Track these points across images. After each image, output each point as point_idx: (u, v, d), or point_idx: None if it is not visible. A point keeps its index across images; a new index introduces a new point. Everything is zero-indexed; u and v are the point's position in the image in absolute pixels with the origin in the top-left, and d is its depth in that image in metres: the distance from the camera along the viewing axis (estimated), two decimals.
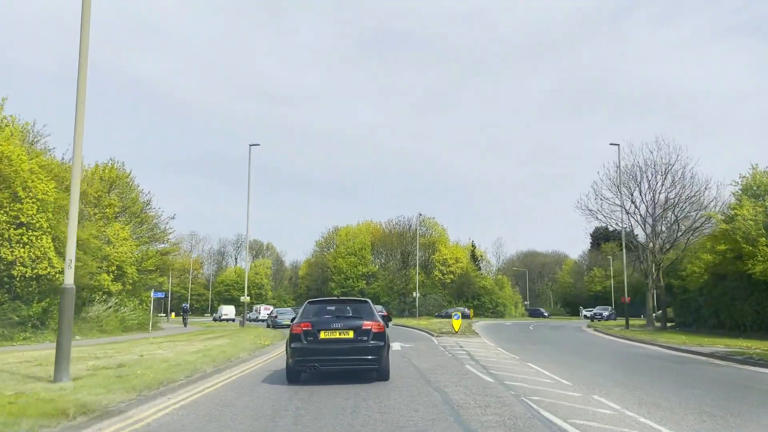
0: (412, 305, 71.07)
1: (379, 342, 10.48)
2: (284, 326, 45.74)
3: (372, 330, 10.47)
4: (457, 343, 21.89)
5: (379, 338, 10.54)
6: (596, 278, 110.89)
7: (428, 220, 78.35)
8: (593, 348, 22.03)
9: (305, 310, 11.21)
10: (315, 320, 10.64)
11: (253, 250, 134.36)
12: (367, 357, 10.36)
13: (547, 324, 53.56)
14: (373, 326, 10.53)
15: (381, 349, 10.46)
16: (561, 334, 32.70)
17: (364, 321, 10.62)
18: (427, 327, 33.45)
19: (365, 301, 11.95)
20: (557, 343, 24.87)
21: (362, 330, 10.42)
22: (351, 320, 10.75)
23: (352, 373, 10.95)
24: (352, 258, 75.46)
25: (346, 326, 10.48)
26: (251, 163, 39.77)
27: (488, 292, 74.86)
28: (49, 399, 7.83)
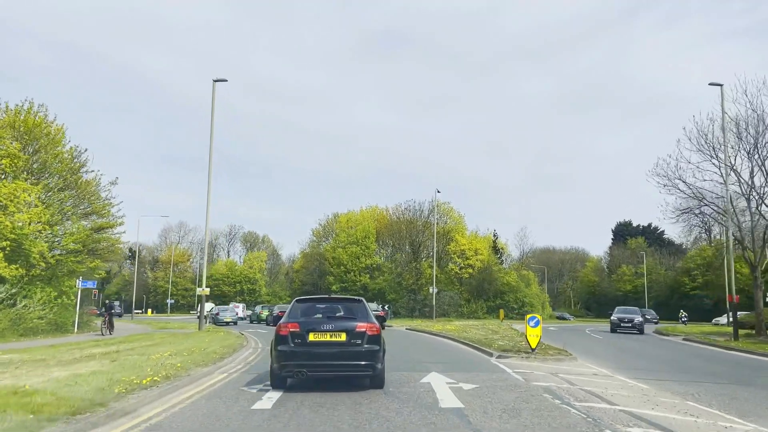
0: (423, 304, 60.30)
1: (374, 346, 9.43)
2: (225, 323, 40.73)
3: (366, 332, 9.40)
4: (561, 376, 11.18)
5: (375, 342, 9.47)
6: (625, 276, 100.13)
7: (443, 206, 67.45)
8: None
9: (293, 310, 10.01)
10: (303, 321, 9.57)
11: (248, 242, 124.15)
12: (361, 362, 9.27)
13: (594, 328, 42.76)
14: (367, 328, 9.45)
15: (376, 354, 9.41)
16: (662, 348, 21.87)
17: (357, 322, 9.53)
18: (459, 335, 22.74)
19: (359, 300, 10.67)
20: (695, 367, 14.23)
21: (356, 332, 9.39)
22: (343, 321, 9.66)
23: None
24: (354, 248, 64.61)
25: (338, 328, 9.44)
26: (215, 103, 29.11)
27: (513, 290, 63.96)
28: None
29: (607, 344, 22.88)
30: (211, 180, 29.11)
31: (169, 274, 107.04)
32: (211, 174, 29.16)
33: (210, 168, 29.08)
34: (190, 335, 24.16)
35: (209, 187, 28.89)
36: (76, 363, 11.89)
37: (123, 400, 7.65)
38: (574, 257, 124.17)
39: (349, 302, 10.63)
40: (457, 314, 60.82)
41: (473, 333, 23.85)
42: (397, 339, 23.63)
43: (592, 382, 10.45)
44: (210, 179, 29.11)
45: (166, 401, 8.07)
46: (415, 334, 27.15)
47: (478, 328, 29.20)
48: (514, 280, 64.47)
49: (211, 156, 28.98)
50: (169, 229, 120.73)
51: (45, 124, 29.55)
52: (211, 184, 29.10)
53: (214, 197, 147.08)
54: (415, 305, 60.74)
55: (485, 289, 63.11)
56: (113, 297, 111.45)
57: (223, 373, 11.51)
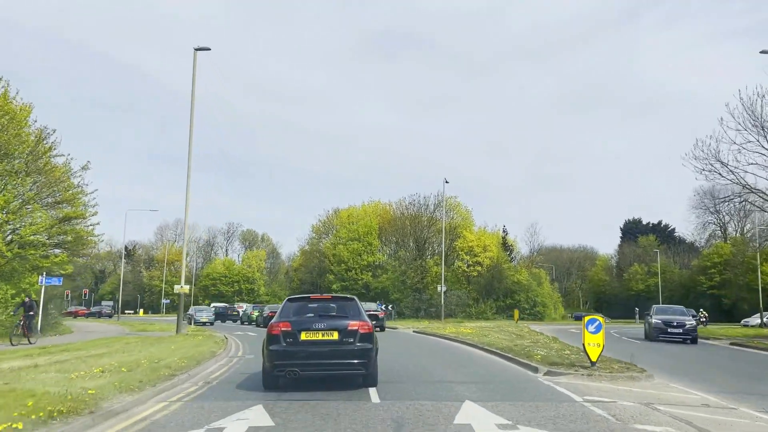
0: (429, 303, 56.63)
1: (366, 344, 9.33)
2: (203, 324, 39.62)
3: (359, 331, 9.31)
4: (661, 410, 7.49)
5: (367, 340, 9.37)
6: (637, 275, 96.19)
7: (449, 201, 63.68)
8: None
9: (284, 309, 10.02)
10: (295, 320, 9.50)
11: (247, 240, 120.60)
12: (353, 361, 9.20)
13: (619, 330, 39.06)
14: (360, 327, 9.35)
15: (369, 352, 9.33)
16: (741, 360, 18.01)
17: (350, 321, 9.43)
18: (480, 341, 18.98)
19: (351, 298, 10.52)
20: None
21: (348, 331, 9.29)
22: (335, 320, 9.51)
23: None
24: (356, 244, 60.89)
25: (330, 327, 9.31)
26: (196, 72, 25.44)
27: (524, 289, 60.19)
28: None
29: (670, 354, 18.85)
30: (191, 157, 25.46)
31: (165, 273, 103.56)
32: (191, 152, 25.54)
33: (190, 143, 25.46)
34: (160, 340, 20.51)
35: (189, 164, 25.25)
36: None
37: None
38: (582, 256, 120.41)
39: (342, 301, 10.35)
40: (464, 315, 57.13)
41: (495, 337, 20.15)
42: (406, 345, 19.95)
43: (721, 422, 6.75)
44: (190, 156, 25.48)
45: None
46: (425, 339, 23.51)
47: (497, 330, 25.52)
48: (525, 279, 60.73)
49: (192, 131, 25.35)
50: (165, 227, 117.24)
51: (5, 100, 25.94)
52: (191, 160, 25.45)
53: (212, 195, 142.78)
54: (420, 305, 57.06)
55: (495, 288, 59.40)
56: (107, 297, 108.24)
57: (160, 402, 7.90)
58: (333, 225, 68.12)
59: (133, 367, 10.83)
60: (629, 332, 36.28)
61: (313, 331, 9.20)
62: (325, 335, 9.18)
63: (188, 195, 25.73)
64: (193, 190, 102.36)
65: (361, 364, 9.18)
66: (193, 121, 25.76)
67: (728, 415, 7.41)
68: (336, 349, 9.13)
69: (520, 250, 71.33)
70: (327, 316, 9.62)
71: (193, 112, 25.72)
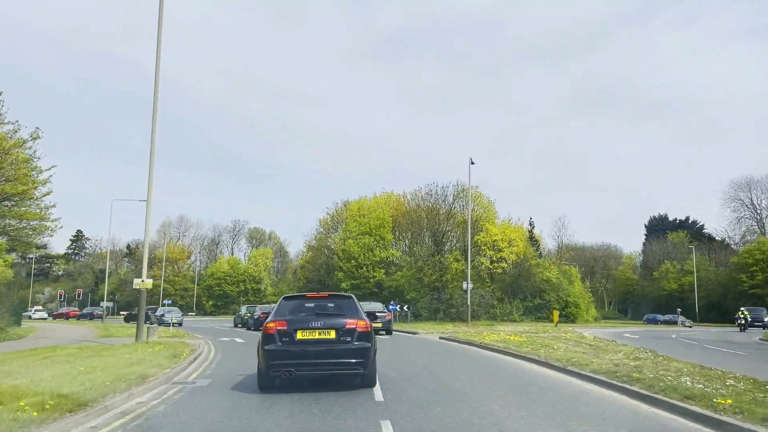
0: (449, 304, 50.70)
1: (364, 343, 9.09)
2: (169, 325, 36.50)
3: (357, 330, 9.09)
4: None
5: (365, 339, 9.13)
6: (669, 274, 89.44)
7: (467, 191, 57.62)
8: None
9: (280, 307, 9.66)
10: (291, 318, 9.23)
11: (254, 239, 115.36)
12: (351, 360, 8.94)
13: (677, 333, 33.01)
14: (357, 325, 9.13)
15: (367, 352, 9.07)
16: None
17: (347, 319, 9.21)
18: (560, 360, 12.95)
19: (349, 296, 10.25)
20: None
21: (345, 329, 9.07)
22: (332, 318, 9.26)
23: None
24: (367, 239, 55.09)
25: (327, 325, 9.08)
26: (163, 14, 19.74)
27: (554, 288, 54.05)
28: None
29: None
30: (156, 108, 19.80)
31: (166, 272, 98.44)
32: (157, 103, 19.88)
33: (156, 92, 19.79)
34: (105, 351, 15.05)
35: (154, 123, 19.57)
36: None
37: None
38: (605, 254, 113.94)
39: (339, 299, 10.09)
40: (488, 316, 51.12)
41: (563, 350, 14.28)
42: (437, 360, 14.16)
43: None
44: (156, 108, 19.83)
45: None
46: (462, 350, 17.60)
47: (551, 338, 19.62)
48: (555, 277, 54.56)
49: (158, 78, 19.65)
50: (168, 225, 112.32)
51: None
52: (157, 110, 19.79)
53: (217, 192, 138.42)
54: (439, 305, 51.10)
55: (521, 287, 53.29)
56: (108, 297, 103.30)
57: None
58: (342, 219, 62.36)
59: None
60: (687, 334, 30.19)
61: (310, 330, 9.00)
62: (322, 334, 8.98)
63: (152, 161, 20.10)
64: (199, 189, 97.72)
65: (359, 364, 8.93)
66: (159, 72, 20.11)
67: None
68: (333, 348, 8.91)
69: (546, 245, 65.03)
70: (324, 315, 9.33)
71: (159, 58, 20.07)
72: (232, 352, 17.22)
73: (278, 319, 9.15)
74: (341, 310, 9.46)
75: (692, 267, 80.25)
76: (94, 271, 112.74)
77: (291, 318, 9.16)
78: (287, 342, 8.87)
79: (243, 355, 16.33)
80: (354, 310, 9.49)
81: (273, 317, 9.31)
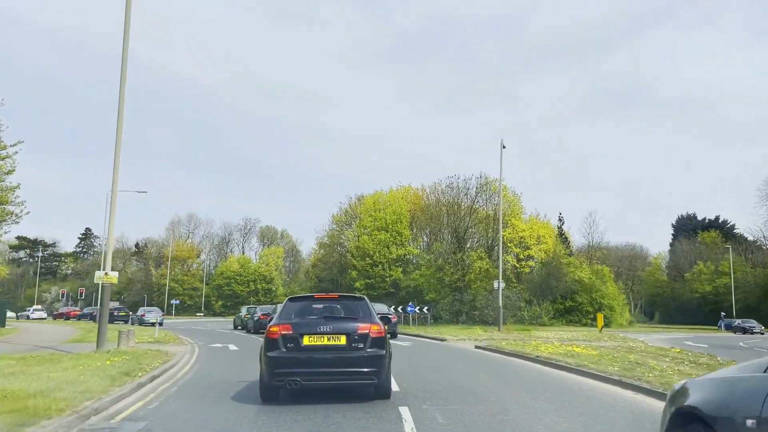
0: (472, 306, 46.56)
1: (378, 350, 8.17)
2: (151, 324, 36.93)
3: (370, 335, 8.18)
4: None
5: (379, 345, 8.22)
6: (703, 276, 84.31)
7: (493, 183, 53.44)
8: None
9: (285, 309, 8.70)
10: (297, 322, 8.30)
11: (265, 237, 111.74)
12: (363, 369, 8.04)
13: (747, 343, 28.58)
14: (371, 330, 8.22)
15: (381, 359, 8.14)
16: None
17: (359, 323, 8.29)
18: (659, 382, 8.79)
19: (361, 297, 9.31)
20: None
21: (357, 335, 8.16)
22: (343, 322, 8.37)
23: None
24: (383, 235, 51.06)
25: (337, 330, 8.17)
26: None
27: (586, 289, 49.66)
28: None
29: None
30: (123, 92, 15.95)
31: (174, 271, 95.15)
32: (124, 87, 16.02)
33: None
34: (56, 362, 11.12)
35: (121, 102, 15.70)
36: None
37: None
38: (631, 254, 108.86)
39: (350, 300, 9.17)
40: (515, 319, 46.91)
41: (671, 370, 10.05)
42: (493, 387, 10.02)
43: None
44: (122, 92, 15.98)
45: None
46: (516, 368, 13.21)
47: (627, 350, 15.38)
48: (587, 276, 50.17)
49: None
50: (177, 222, 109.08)
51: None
52: (123, 94, 15.93)
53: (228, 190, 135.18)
54: (461, 307, 46.90)
55: (551, 288, 48.94)
56: (114, 297, 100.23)
57: None
58: (356, 214, 58.39)
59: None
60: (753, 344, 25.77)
61: (318, 334, 8.13)
62: (332, 339, 8.12)
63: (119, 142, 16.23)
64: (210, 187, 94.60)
65: (373, 373, 8.03)
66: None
67: None
68: (343, 355, 8.05)
69: (575, 242, 60.41)
70: (333, 318, 8.43)
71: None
72: (215, 367, 13.31)
73: (283, 322, 8.30)
74: (353, 313, 8.56)
75: (727, 268, 75.13)
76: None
77: (297, 321, 8.31)
78: (292, 348, 8.04)
79: (228, 370, 12.47)
80: (367, 313, 8.60)
81: (277, 320, 8.45)
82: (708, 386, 3.77)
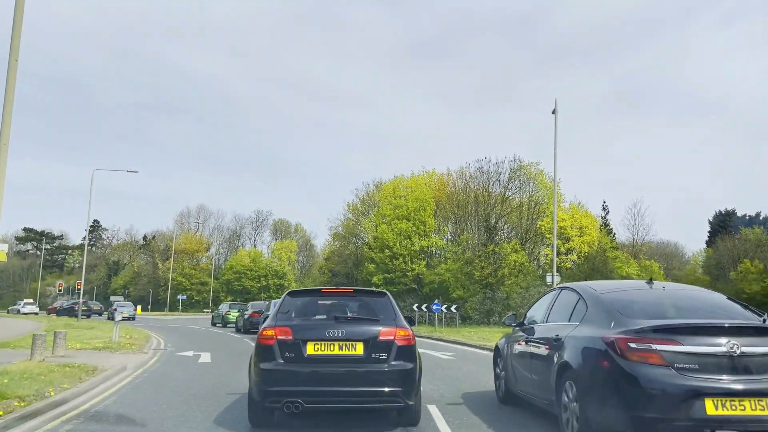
0: (505, 305, 40.70)
1: (406, 363, 6.15)
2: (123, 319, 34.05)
3: (395, 342, 6.14)
4: None
5: (407, 356, 6.19)
6: (750, 275, 77.57)
7: (527, 168, 47.62)
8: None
9: (283, 307, 6.63)
10: (299, 324, 6.34)
11: (278, 231, 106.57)
12: (384, 389, 5.99)
13: None
14: (396, 335, 6.18)
15: (411, 375, 6.13)
16: None
17: (381, 327, 6.26)
18: None
19: (382, 293, 7.04)
20: None
21: (379, 342, 6.12)
22: (360, 325, 6.37)
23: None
24: (404, 224, 45.39)
25: (352, 335, 6.15)
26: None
27: None
28: None
29: None
30: None
31: (182, 265, 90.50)
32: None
33: None
34: None
35: None
36: None
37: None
38: (663, 252, 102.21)
39: (368, 296, 7.05)
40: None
41: None
42: None
43: None
44: None
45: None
46: None
47: None
48: (636, 273, 44.04)
49: None
50: (187, 214, 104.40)
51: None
52: None
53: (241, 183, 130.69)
54: (494, 306, 41.10)
55: None
56: (119, 291, 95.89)
57: None
58: (374, 202, 52.76)
59: None
60: None
61: (326, 341, 6.07)
62: (345, 348, 6.07)
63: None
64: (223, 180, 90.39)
65: (398, 394, 5.95)
66: None
67: None
68: (360, 369, 5.99)
69: (618, 235, 53.98)
70: (346, 320, 6.40)
71: None
72: (146, 401, 7.84)
73: (280, 324, 6.24)
74: (372, 313, 6.51)
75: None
76: (108, 263, 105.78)
77: (299, 323, 6.34)
78: (292, 359, 6.01)
79: (182, 409, 7.24)
80: (391, 314, 6.48)
81: (272, 321, 6.37)
82: (503, 337, 8.66)
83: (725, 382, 4.86)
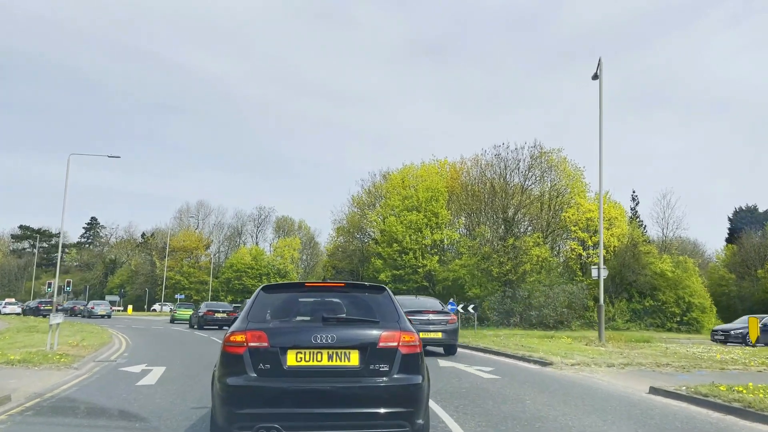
0: (527, 304, 36.79)
1: (412, 377, 4.68)
2: (100, 317, 33.21)
3: (399, 350, 4.68)
4: None
5: (413, 368, 4.72)
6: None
7: (551, 156, 43.57)
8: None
9: (256, 305, 5.08)
10: (276, 327, 4.88)
11: (281, 228, 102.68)
12: (384, 410, 4.51)
13: None
14: (400, 341, 4.71)
15: (417, 392, 4.65)
16: None
17: (381, 330, 4.78)
18: None
19: (380, 288, 5.35)
20: None
21: (378, 350, 4.68)
22: (354, 327, 4.89)
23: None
24: (414, 216, 41.42)
25: (345, 340, 4.70)
26: None
27: (670, 284, 39.50)
28: None
29: None
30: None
31: (181, 264, 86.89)
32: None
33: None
34: None
35: None
36: None
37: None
38: (685, 250, 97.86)
39: (363, 292, 5.35)
40: (582, 322, 37.05)
41: None
42: None
43: None
44: None
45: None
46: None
47: None
48: (670, 269, 39.93)
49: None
50: (186, 210, 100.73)
51: None
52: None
53: (244, 179, 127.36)
54: (514, 306, 37.10)
55: (627, 281, 38.83)
56: (115, 290, 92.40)
57: None
58: (381, 193, 48.81)
59: None
60: None
61: (312, 348, 4.61)
62: (335, 357, 4.60)
63: None
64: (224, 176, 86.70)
65: (403, 416, 4.47)
66: None
67: None
68: (355, 385, 4.54)
69: (646, 229, 49.70)
70: (337, 322, 4.87)
71: None
72: None
73: (252, 327, 4.69)
74: (370, 313, 4.95)
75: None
76: (105, 261, 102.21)
77: (276, 326, 4.82)
78: (268, 371, 4.53)
79: None
80: (391, 314, 4.94)
81: (242, 323, 4.80)
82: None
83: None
